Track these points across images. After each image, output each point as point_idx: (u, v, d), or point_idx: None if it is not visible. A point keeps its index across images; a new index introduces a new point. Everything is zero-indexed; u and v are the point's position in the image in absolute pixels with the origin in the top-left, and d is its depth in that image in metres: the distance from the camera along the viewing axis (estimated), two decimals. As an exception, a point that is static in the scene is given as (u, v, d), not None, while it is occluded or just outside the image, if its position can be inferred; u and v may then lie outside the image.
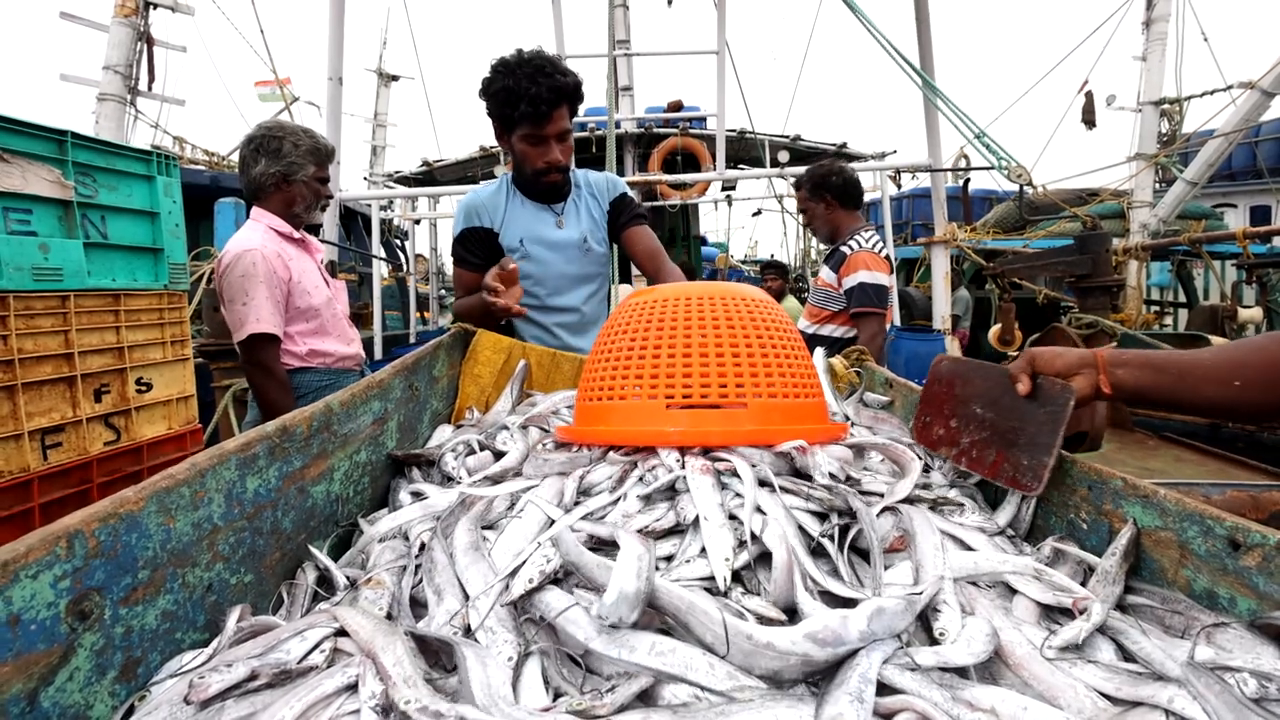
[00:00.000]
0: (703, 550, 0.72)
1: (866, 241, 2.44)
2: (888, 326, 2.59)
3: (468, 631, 0.65)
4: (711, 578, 0.69)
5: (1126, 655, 0.62)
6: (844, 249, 2.48)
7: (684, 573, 0.70)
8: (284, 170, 1.95)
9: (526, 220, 1.79)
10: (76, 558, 0.56)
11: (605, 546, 0.75)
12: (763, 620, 0.63)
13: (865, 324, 2.38)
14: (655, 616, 0.64)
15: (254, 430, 0.83)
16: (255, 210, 1.98)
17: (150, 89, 6.78)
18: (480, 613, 0.65)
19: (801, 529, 0.76)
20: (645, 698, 0.57)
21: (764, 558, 0.72)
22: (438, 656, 0.64)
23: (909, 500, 0.87)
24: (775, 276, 6.56)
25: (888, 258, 2.49)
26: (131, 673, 0.61)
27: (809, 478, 0.86)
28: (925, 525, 0.79)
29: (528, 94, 1.56)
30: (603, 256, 1.88)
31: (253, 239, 1.87)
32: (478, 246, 1.78)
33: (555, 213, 1.81)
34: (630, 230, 1.83)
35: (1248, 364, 0.82)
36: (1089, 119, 7.54)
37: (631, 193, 1.92)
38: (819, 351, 1.51)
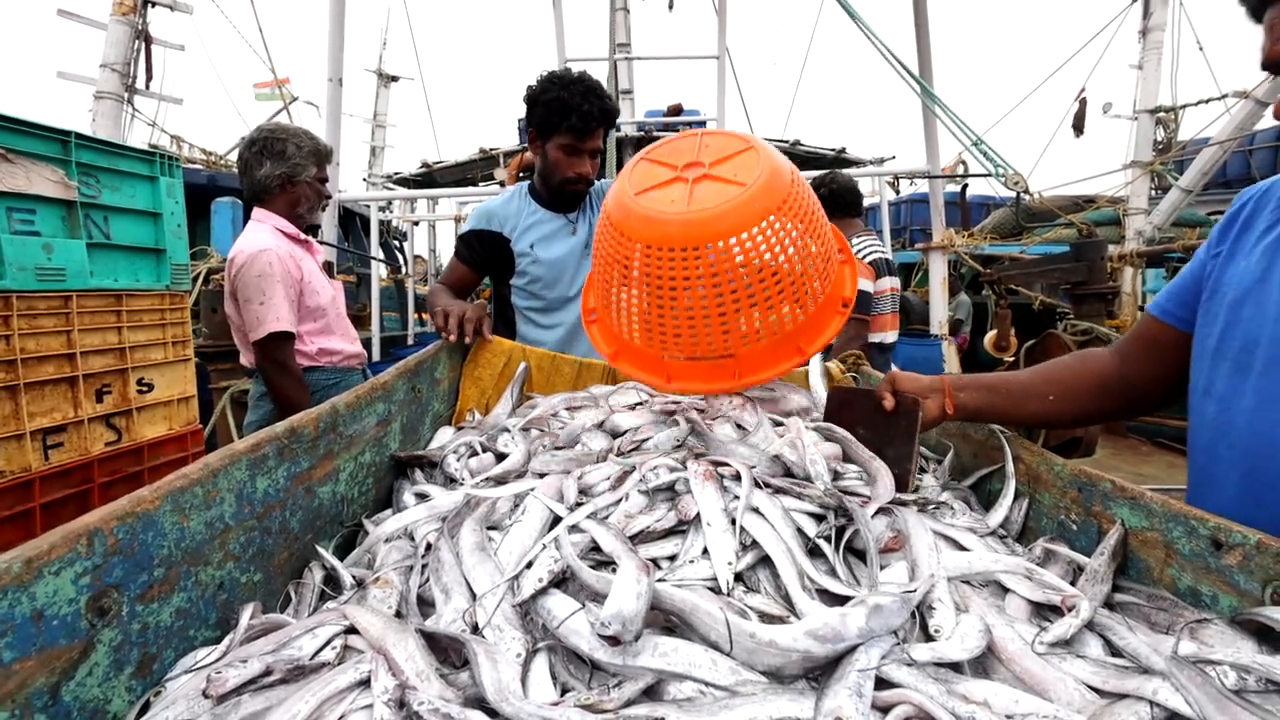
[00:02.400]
0: (705, 550, 0.74)
1: (855, 248, 2.48)
2: (894, 333, 2.62)
3: (475, 629, 0.66)
4: (714, 577, 0.70)
5: (1114, 650, 0.64)
6: None
7: (687, 573, 0.72)
8: (289, 172, 1.96)
9: (540, 227, 1.88)
10: (96, 555, 0.58)
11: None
12: (764, 618, 0.65)
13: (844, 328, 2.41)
14: (659, 615, 0.65)
15: (263, 431, 0.85)
16: (258, 211, 1.99)
17: (148, 87, 6.74)
18: (488, 611, 0.67)
19: (799, 530, 0.78)
20: (651, 692, 0.58)
21: (764, 558, 0.74)
22: (446, 654, 0.65)
23: (899, 502, 0.89)
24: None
25: (876, 263, 2.51)
26: (147, 669, 0.63)
27: (807, 476, 0.88)
28: (919, 526, 0.81)
29: (579, 109, 1.68)
30: None
31: (265, 239, 1.89)
32: (480, 247, 1.89)
33: (569, 220, 1.89)
34: None
35: (1057, 380, 0.96)
36: (1079, 125, 7.57)
37: None
38: (815, 359, 1.53)
